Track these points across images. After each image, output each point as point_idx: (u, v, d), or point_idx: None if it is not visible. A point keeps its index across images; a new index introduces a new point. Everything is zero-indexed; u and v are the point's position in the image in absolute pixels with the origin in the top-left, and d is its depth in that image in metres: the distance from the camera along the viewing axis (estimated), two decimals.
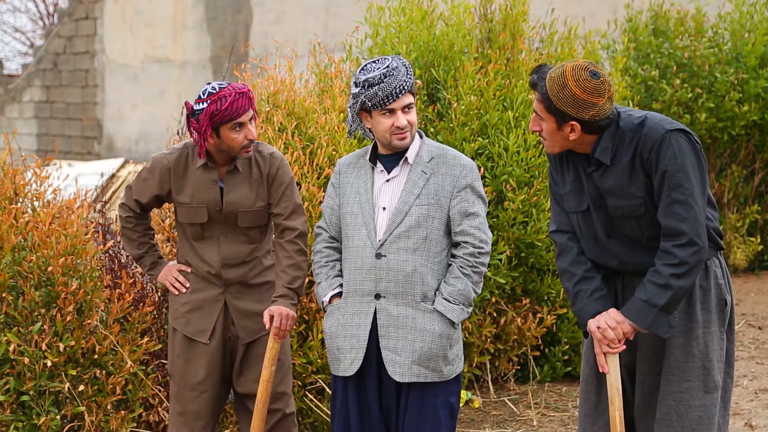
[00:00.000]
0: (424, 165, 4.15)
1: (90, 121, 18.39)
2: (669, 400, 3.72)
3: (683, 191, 3.56)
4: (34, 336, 4.74)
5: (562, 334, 6.66)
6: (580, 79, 3.57)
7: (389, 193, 4.16)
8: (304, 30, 14.61)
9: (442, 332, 4.09)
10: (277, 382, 4.55)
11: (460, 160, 4.18)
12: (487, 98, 6.36)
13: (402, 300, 4.09)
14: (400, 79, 4.05)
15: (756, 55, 9.63)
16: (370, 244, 4.12)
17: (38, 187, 5.30)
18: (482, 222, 4.14)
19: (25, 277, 4.83)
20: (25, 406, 4.83)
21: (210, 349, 4.54)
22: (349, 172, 4.27)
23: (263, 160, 4.52)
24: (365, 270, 4.12)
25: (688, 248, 3.56)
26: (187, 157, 4.53)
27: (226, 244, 4.51)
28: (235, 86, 4.36)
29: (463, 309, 4.11)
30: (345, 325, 4.15)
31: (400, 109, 4.08)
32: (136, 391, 5.05)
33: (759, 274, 10.05)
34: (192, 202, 4.49)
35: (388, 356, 4.08)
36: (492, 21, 6.90)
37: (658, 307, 3.59)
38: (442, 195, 4.11)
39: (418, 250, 4.09)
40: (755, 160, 10.04)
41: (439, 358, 4.09)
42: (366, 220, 4.14)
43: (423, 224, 4.09)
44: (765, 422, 5.87)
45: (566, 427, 5.95)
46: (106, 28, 18.06)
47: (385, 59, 4.12)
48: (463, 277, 4.09)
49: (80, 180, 8.01)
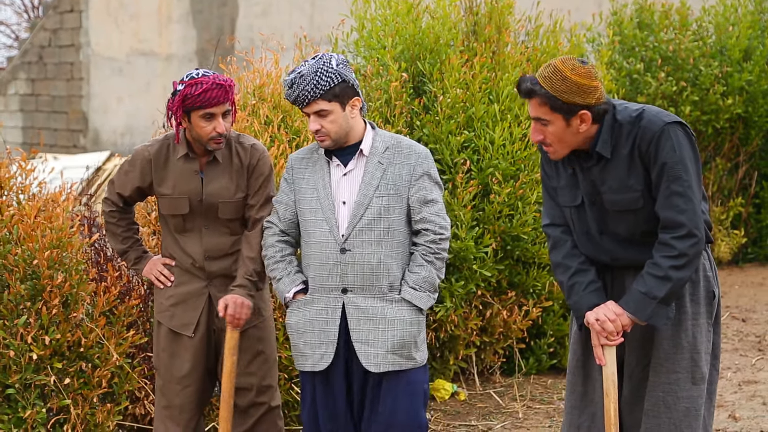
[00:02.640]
0: (379, 156, 4.19)
1: (75, 114, 18.33)
2: (657, 391, 3.74)
3: (682, 183, 3.57)
4: (20, 329, 4.72)
5: (547, 327, 6.67)
6: (575, 67, 3.59)
7: (348, 187, 4.19)
8: (290, 23, 14.58)
9: (411, 320, 4.15)
10: (262, 375, 4.55)
11: (415, 149, 4.22)
12: (473, 91, 6.36)
13: (369, 292, 4.13)
14: (303, 89, 4.07)
15: (740, 48, 9.66)
16: (333, 240, 4.14)
17: (23, 180, 5.26)
18: (441, 208, 4.20)
19: (10, 270, 4.80)
20: (11, 399, 4.81)
21: (194, 342, 4.53)
22: (302, 168, 4.28)
23: (244, 152, 4.50)
24: (330, 265, 4.15)
25: (686, 240, 3.57)
26: (168, 148, 4.52)
27: (208, 236, 4.50)
28: (217, 77, 4.33)
29: (430, 295, 4.17)
30: (313, 321, 4.17)
31: (313, 113, 4.12)
32: (122, 384, 5.03)
33: (743, 267, 10.10)
34: (173, 193, 4.48)
35: (361, 348, 4.12)
36: (477, 14, 6.89)
37: (658, 299, 3.60)
38: (401, 184, 4.16)
39: (381, 241, 4.14)
40: (739, 153, 10.08)
41: (411, 345, 4.15)
42: (327, 216, 4.17)
43: (384, 215, 4.14)
44: (748, 414, 5.90)
45: (551, 419, 5.96)
46: (91, 21, 17.99)
47: (309, 61, 4.13)
48: (427, 265, 4.15)
49: (66, 173, 7.99)
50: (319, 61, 4.10)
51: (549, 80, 3.60)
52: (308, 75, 4.07)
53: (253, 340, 4.55)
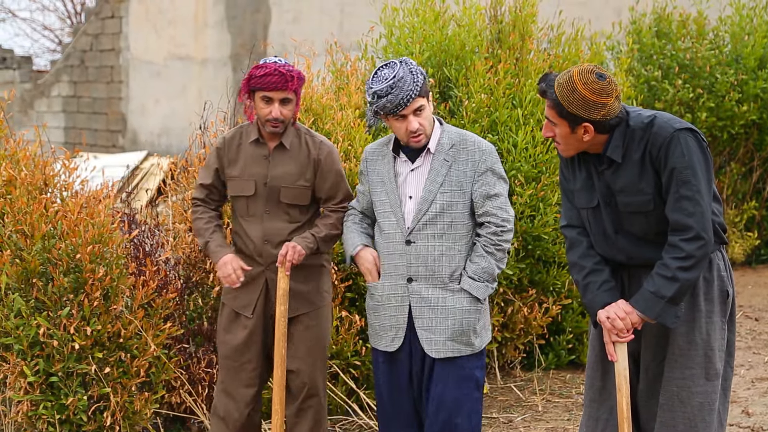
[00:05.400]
0: (445, 153, 4.25)
1: (115, 116, 18.43)
2: (672, 386, 3.73)
3: (690, 187, 3.56)
4: (63, 320, 4.76)
5: (566, 324, 6.66)
6: (588, 81, 3.57)
7: (414, 182, 4.27)
8: (321, 29, 14.59)
9: (470, 308, 4.23)
10: (310, 362, 4.60)
11: (480, 145, 4.29)
12: (497, 96, 6.35)
13: (431, 282, 4.23)
14: (406, 90, 4.14)
15: (755, 56, 9.60)
16: (400, 231, 4.25)
17: (67, 178, 5.31)
18: (504, 201, 4.28)
19: (54, 264, 4.85)
20: (54, 387, 4.85)
21: (251, 322, 4.58)
22: (374, 160, 4.38)
23: (313, 145, 4.61)
24: (397, 255, 4.27)
25: (694, 242, 3.56)
26: (241, 134, 4.65)
27: (268, 221, 4.56)
28: (282, 65, 4.48)
29: (488, 285, 4.25)
30: (385, 305, 4.31)
31: (411, 113, 4.17)
32: (159, 374, 5.06)
33: (756, 268, 10.03)
34: (242, 175, 4.58)
35: (424, 335, 4.24)
36: (502, 22, 6.88)
37: (666, 298, 3.60)
38: (464, 181, 4.23)
39: (444, 235, 4.22)
40: (753, 157, 10.02)
41: (470, 332, 4.24)
42: (394, 209, 4.27)
43: (448, 210, 4.22)
44: (761, 410, 5.87)
45: (570, 412, 5.94)
46: (130, 27, 18.08)
47: (393, 66, 4.19)
48: (487, 255, 4.23)
49: (106, 171, 8.03)
50: (405, 65, 4.17)
51: (561, 87, 3.61)
52: (406, 76, 4.14)
53: (302, 327, 4.59)
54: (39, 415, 4.82)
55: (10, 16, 32.43)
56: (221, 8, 16.78)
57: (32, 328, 4.76)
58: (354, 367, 5.62)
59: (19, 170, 5.19)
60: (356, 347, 5.58)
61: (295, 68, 4.53)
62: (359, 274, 5.70)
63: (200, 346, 5.41)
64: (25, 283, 4.87)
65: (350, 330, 5.55)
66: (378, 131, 6.32)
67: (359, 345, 5.58)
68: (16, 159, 5.29)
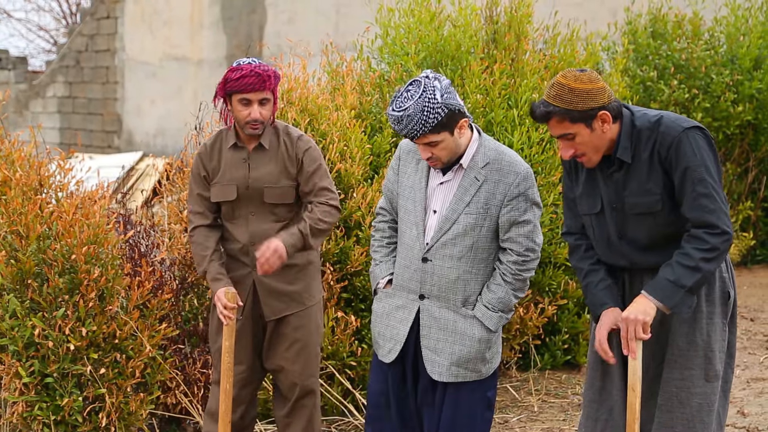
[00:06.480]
0: (477, 171, 3.97)
1: (110, 116, 18.39)
2: (671, 387, 3.72)
3: (706, 185, 3.56)
4: (58, 321, 4.74)
5: (562, 324, 6.64)
6: (577, 77, 3.60)
7: (441, 197, 4.01)
8: (316, 30, 14.57)
9: (481, 337, 4.00)
10: (301, 363, 4.57)
11: (515, 168, 3.98)
12: (493, 97, 6.34)
13: (444, 303, 4.00)
14: (411, 128, 3.83)
15: (750, 57, 9.59)
16: (419, 246, 4.01)
17: (62, 179, 5.28)
18: (531, 230, 3.98)
19: (49, 265, 4.82)
20: (49, 388, 4.83)
21: (240, 324, 4.55)
22: (409, 160, 4.13)
23: (291, 142, 4.54)
24: (412, 270, 4.03)
25: (719, 236, 3.56)
26: (221, 140, 4.60)
27: (254, 223, 4.52)
28: (258, 66, 4.40)
29: (502, 316, 4.00)
30: (390, 315, 4.10)
31: (422, 144, 3.92)
32: (154, 375, 5.05)
33: (751, 268, 10.03)
34: (222, 180, 4.53)
35: (428, 355, 4.02)
36: (497, 23, 6.87)
37: (686, 287, 3.57)
38: (492, 204, 3.95)
39: (463, 258, 3.97)
40: (749, 158, 10.01)
41: (478, 360, 4.01)
42: (417, 221, 4.03)
43: (470, 233, 3.95)
44: (756, 410, 5.86)
45: (566, 412, 5.93)
46: (126, 27, 18.05)
47: (411, 95, 3.85)
48: (504, 285, 3.98)
49: (101, 172, 7.99)
50: (424, 97, 3.82)
51: (559, 98, 3.59)
52: (415, 115, 3.81)
53: (291, 327, 4.56)
54: (34, 416, 4.79)
55: (5, 17, 32.35)
56: (217, 9, 16.76)
57: (27, 329, 4.73)
58: (350, 367, 5.60)
59: (14, 171, 5.17)
60: (352, 348, 5.56)
61: (270, 67, 4.46)
62: (354, 275, 5.68)
63: (195, 347, 5.40)
64: (20, 284, 4.85)
65: (346, 330, 5.53)
66: (374, 131, 6.30)
67: (355, 346, 5.56)
68: (11, 160, 5.26)
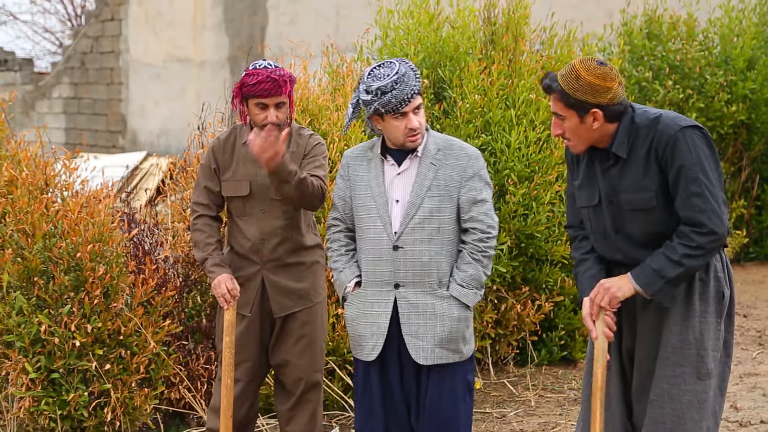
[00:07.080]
0: (432, 157, 4.10)
1: (115, 117, 18.43)
2: (662, 383, 3.71)
3: (700, 184, 3.55)
4: (64, 318, 4.77)
5: (558, 320, 6.67)
6: (591, 67, 3.58)
7: (401, 186, 4.11)
8: (317, 31, 14.60)
9: (459, 316, 4.09)
10: (308, 359, 4.60)
11: (466, 151, 4.15)
12: (491, 97, 6.37)
13: (420, 288, 4.08)
14: (410, 85, 4.01)
15: (744, 58, 9.63)
16: (387, 236, 4.09)
17: (67, 178, 5.32)
18: (489, 208, 4.13)
19: (55, 263, 4.86)
20: (56, 383, 4.86)
21: (249, 320, 4.56)
22: (357, 165, 4.22)
23: (302, 140, 4.57)
24: (383, 261, 4.09)
25: (706, 236, 3.55)
26: (235, 135, 4.60)
27: (264, 220, 4.52)
28: (273, 71, 4.39)
29: (476, 292, 4.12)
30: (365, 313, 4.14)
31: (411, 111, 4.05)
32: (158, 370, 5.08)
33: (744, 266, 10.06)
34: (235, 176, 4.54)
35: (411, 342, 4.08)
36: (495, 24, 6.90)
37: (667, 278, 3.59)
38: (452, 185, 4.09)
39: (432, 240, 4.07)
40: (742, 157, 10.05)
41: (459, 340, 4.11)
42: (381, 213, 4.10)
43: (435, 215, 4.07)
44: (749, 404, 5.89)
45: (562, 407, 5.96)
46: (130, 29, 18.08)
47: (392, 64, 4.06)
48: (474, 263, 4.09)
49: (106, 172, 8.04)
50: (403, 63, 4.05)
51: (565, 78, 3.61)
52: (408, 72, 4.02)
53: (298, 324, 4.58)
54: (41, 410, 4.83)
55: (11, 19, 32.44)
56: (219, 11, 16.79)
57: (34, 325, 4.77)
58: (350, 363, 5.63)
59: (21, 170, 5.20)
60: None
61: (286, 71, 4.45)
62: None
63: (199, 343, 5.42)
64: (26, 282, 4.88)
65: (346, 327, 5.56)
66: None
67: None
68: (17, 159, 5.30)
